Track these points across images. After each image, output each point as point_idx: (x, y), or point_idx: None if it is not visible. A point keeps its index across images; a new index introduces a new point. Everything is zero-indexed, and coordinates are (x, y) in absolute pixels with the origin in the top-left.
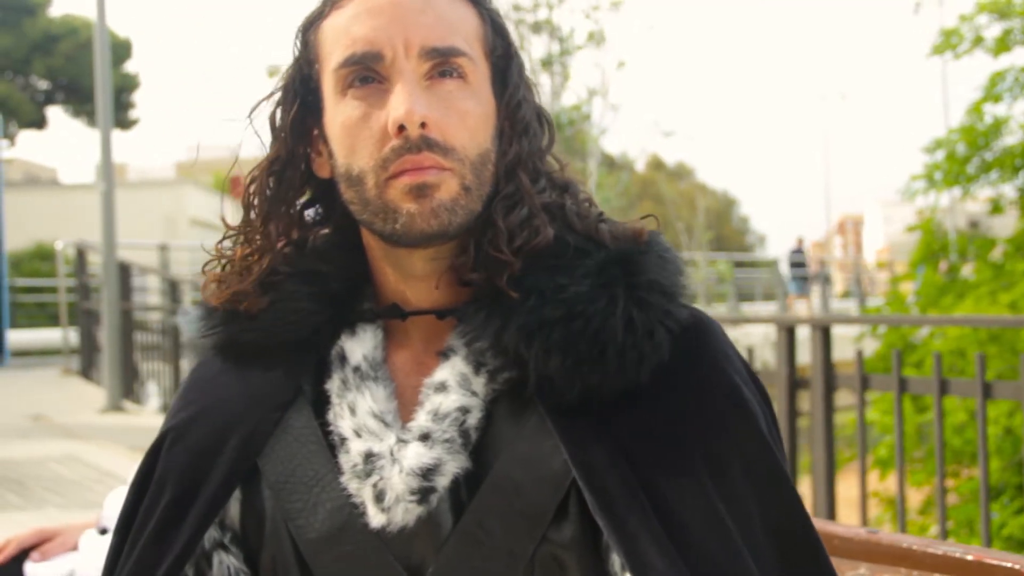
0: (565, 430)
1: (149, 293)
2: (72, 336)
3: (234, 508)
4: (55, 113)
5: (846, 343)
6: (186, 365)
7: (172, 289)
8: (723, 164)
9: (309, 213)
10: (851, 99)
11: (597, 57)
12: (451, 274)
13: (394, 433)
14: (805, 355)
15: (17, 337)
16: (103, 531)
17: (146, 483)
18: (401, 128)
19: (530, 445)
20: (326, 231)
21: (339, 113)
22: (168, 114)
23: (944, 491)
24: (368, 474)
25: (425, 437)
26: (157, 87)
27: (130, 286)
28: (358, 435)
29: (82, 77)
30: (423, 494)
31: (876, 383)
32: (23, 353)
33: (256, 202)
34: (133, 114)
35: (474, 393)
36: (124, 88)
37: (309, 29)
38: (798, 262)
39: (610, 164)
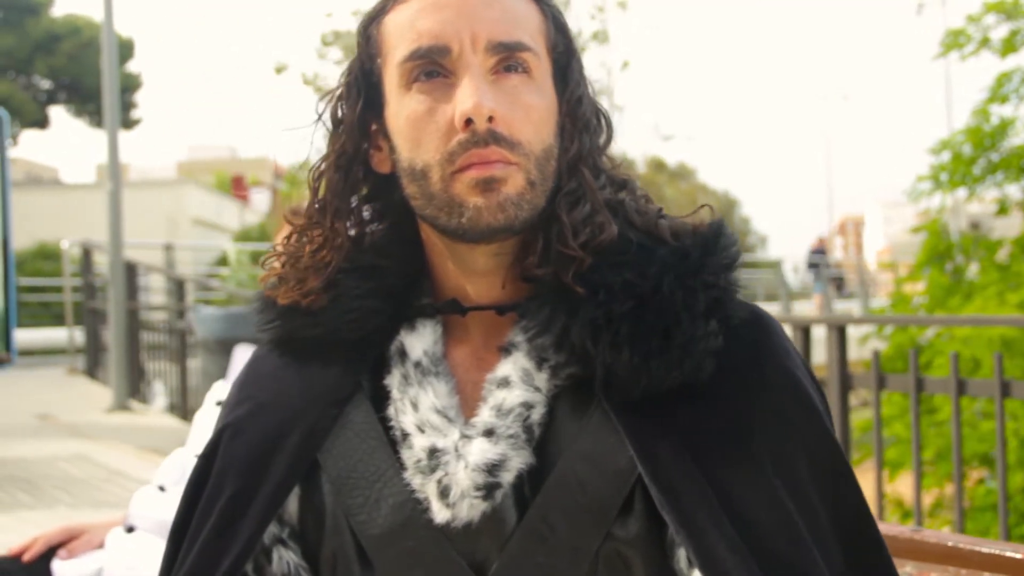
0: (630, 426)
1: (152, 293)
2: (77, 335)
3: (293, 503)
4: (57, 113)
5: (850, 343)
6: (194, 364)
7: (178, 289)
8: (724, 165)
9: (366, 209)
10: (853, 100)
11: (602, 56)
12: (513, 270)
13: (458, 429)
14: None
15: (21, 336)
16: (130, 529)
17: (204, 478)
18: (468, 122)
19: (594, 441)
20: (382, 227)
21: (404, 107)
22: (169, 114)
23: (962, 491)
24: (432, 470)
25: (489, 433)
26: (158, 87)
27: (136, 286)
28: (421, 431)
29: (84, 77)
30: (488, 490)
31: (892, 383)
32: (27, 352)
33: (322, 198)
34: (135, 114)
35: (537, 389)
36: (127, 88)
37: (371, 24)
38: (820, 263)
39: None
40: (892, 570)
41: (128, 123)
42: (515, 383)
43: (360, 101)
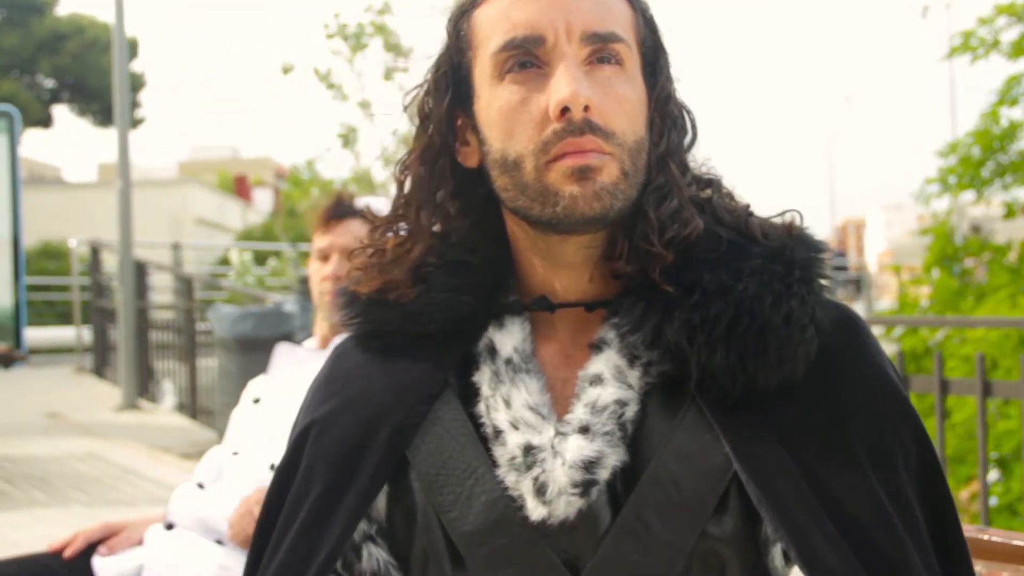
0: (726, 424)
1: (158, 292)
2: (85, 334)
3: (381, 500)
4: (60, 112)
5: None
6: (203, 363)
7: (188, 288)
8: (726, 166)
9: (451, 205)
10: (855, 102)
11: None
12: (602, 265)
13: (552, 426)
14: None
15: (28, 335)
16: (169, 526)
17: (290, 475)
18: (563, 111)
19: (689, 439)
20: (467, 223)
21: (496, 98)
22: (170, 113)
23: (987, 492)
24: (529, 467)
25: (585, 430)
26: (159, 86)
27: (146, 285)
28: (515, 427)
29: (88, 76)
30: (585, 487)
31: (916, 384)
32: (33, 351)
33: (408, 191)
34: (139, 113)
35: (630, 386)
36: (131, 87)
37: (461, 18)
38: (840, 266)
39: None
40: (972, 570)
41: (132, 122)
42: (608, 380)
43: (448, 94)
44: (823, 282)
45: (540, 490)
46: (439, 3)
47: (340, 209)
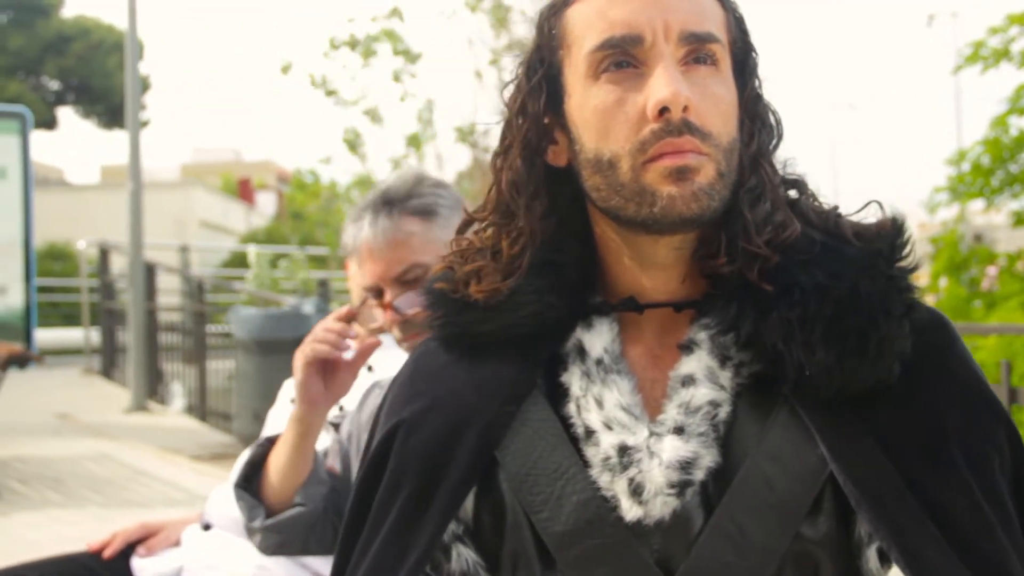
0: (821, 425)
1: (164, 294)
2: (93, 336)
3: (468, 501)
4: (64, 114)
5: None
6: (213, 366)
7: (198, 290)
8: None
9: (537, 204)
10: (860, 109)
11: None
12: (691, 266)
13: (645, 426)
14: None
15: (35, 336)
16: (206, 527)
17: (377, 476)
18: (662, 111)
19: (782, 440)
20: (551, 223)
21: (591, 97)
22: (173, 116)
23: None
24: (625, 467)
25: (679, 430)
26: (162, 88)
27: (155, 286)
28: (608, 428)
29: (93, 78)
30: (681, 487)
31: None
32: (41, 352)
33: (504, 189)
34: (144, 116)
35: (722, 387)
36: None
37: (552, 17)
38: None
39: None
40: None
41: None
42: (700, 381)
43: (543, 93)
44: (914, 284)
45: (636, 490)
46: (447, 8)
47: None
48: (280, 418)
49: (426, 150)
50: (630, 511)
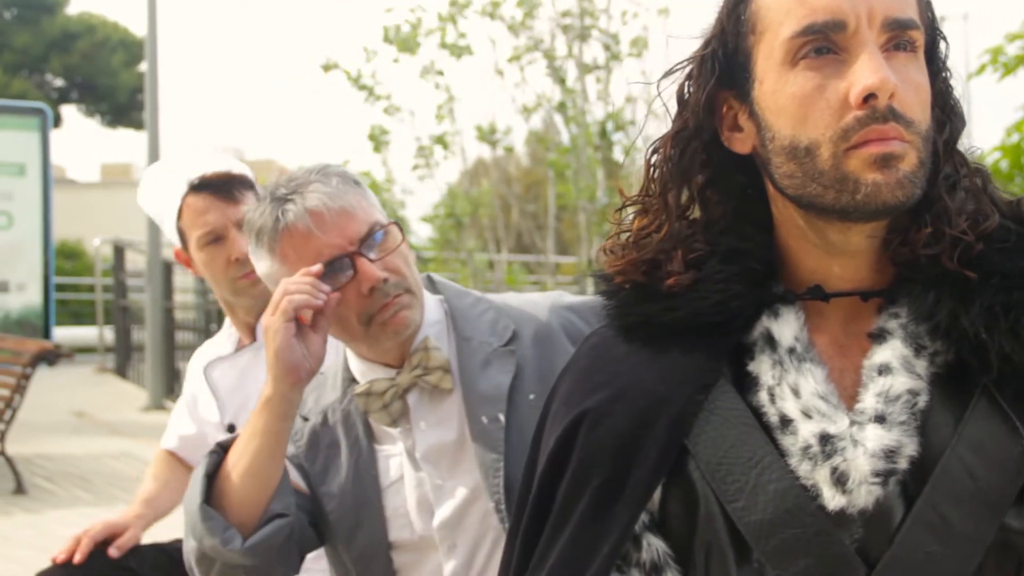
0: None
1: (178, 292)
2: (107, 334)
3: (655, 491)
4: (67, 112)
5: None
6: None
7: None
8: None
9: (711, 191)
10: None
11: (642, 64)
12: (880, 253)
13: (844, 415)
14: None
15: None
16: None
17: (561, 466)
18: (867, 99)
19: (982, 429)
20: (728, 209)
21: (788, 84)
22: (172, 114)
23: None
24: (828, 456)
25: (881, 419)
26: (162, 86)
27: (172, 285)
28: (808, 416)
29: (98, 76)
30: (885, 476)
31: None
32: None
33: (656, 173)
34: (144, 114)
35: (919, 376)
36: (140, 88)
37: (741, 3)
38: None
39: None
40: None
41: (140, 124)
42: (897, 369)
43: (712, 79)
44: None
45: (839, 479)
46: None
47: (228, 181)
48: (186, 416)
49: (451, 149)
50: (832, 500)
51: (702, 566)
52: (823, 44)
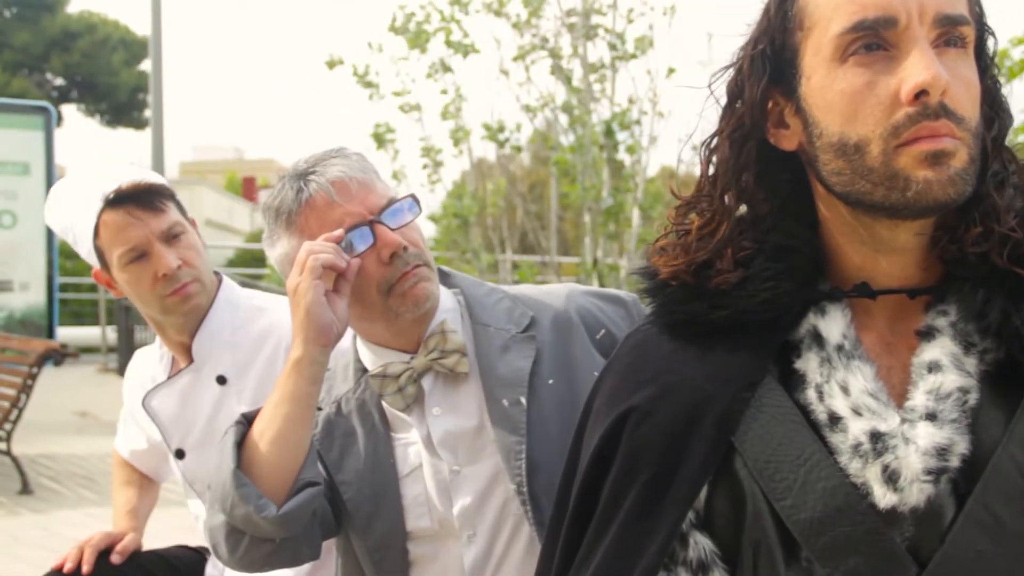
0: None
1: None
2: (109, 334)
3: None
4: (67, 111)
5: None
6: None
7: None
8: None
9: (757, 188)
10: None
11: (647, 63)
12: (928, 250)
13: (895, 412)
14: None
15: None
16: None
17: (606, 462)
18: (918, 95)
19: None
20: (774, 206)
21: (837, 81)
22: (172, 114)
23: None
24: (879, 454)
25: (932, 417)
26: (164, 85)
27: None
28: (858, 414)
29: (98, 75)
30: (937, 474)
31: None
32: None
33: (714, 172)
34: (149, 113)
35: (969, 373)
36: (140, 88)
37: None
38: None
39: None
40: None
41: (140, 123)
42: (947, 367)
43: (766, 76)
44: None
45: (891, 477)
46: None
47: (146, 192)
48: (134, 429)
49: (459, 147)
50: (884, 498)
51: (750, 564)
52: (873, 40)
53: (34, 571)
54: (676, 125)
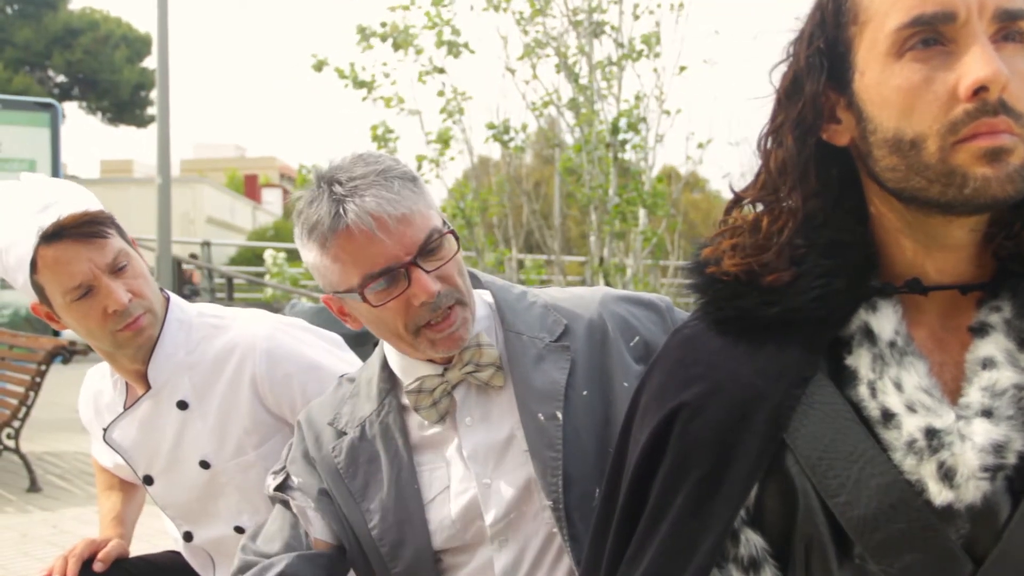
0: None
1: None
2: None
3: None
4: (70, 108)
5: None
6: None
7: (228, 285)
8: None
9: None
10: None
11: (654, 62)
12: (982, 246)
13: (949, 409)
14: None
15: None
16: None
17: (656, 459)
18: (977, 91)
19: None
20: (827, 202)
21: (893, 76)
22: (173, 112)
23: None
24: (934, 450)
25: (987, 413)
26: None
27: (183, 281)
28: (912, 410)
29: (100, 72)
30: (994, 471)
31: None
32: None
33: (776, 168)
34: (151, 111)
35: (1023, 370)
36: (143, 85)
37: None
38: None
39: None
40: None
41: (143, 120)
42: (1002, 364)
43: (824, 71)
44: None
45: (947, 474)
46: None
47: (88, 223)
48: (101, 444)
49: (456, 146)
50: (940, 495)
51: (802, 561)
52: (931, 35)
53: (43, 568)
54: (682, 124)
